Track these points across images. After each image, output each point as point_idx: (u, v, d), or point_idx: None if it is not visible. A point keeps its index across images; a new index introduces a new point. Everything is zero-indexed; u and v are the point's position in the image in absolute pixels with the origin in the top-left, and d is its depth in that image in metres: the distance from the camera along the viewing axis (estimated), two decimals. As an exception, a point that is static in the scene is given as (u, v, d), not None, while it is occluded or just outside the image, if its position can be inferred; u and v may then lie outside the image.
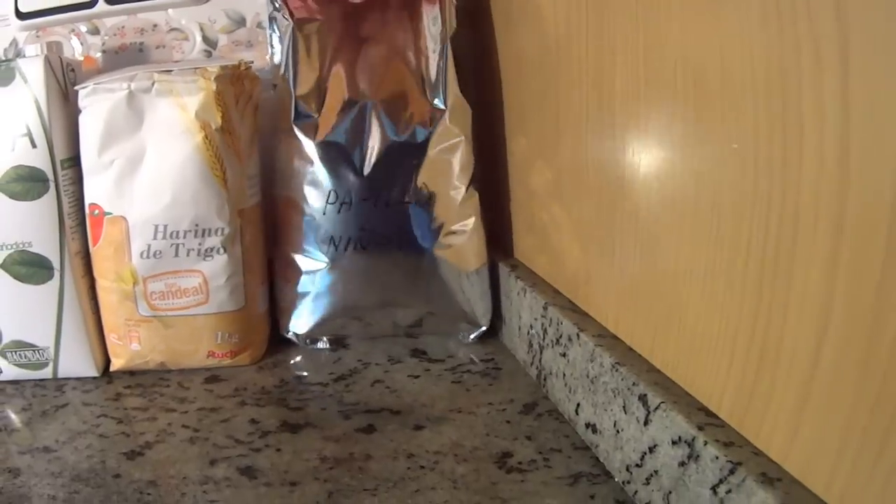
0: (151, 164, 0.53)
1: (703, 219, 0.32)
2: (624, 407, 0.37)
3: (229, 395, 0.54)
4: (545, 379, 0.51)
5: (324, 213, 0.55)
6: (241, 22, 0.62)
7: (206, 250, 0.55)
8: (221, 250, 0.55)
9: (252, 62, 0.55)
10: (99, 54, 0.62)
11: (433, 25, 0.58)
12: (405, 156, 0.56)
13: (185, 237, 0.54)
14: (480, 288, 0.58)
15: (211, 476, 0.43)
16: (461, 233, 0.58)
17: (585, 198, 0.46)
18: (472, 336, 0.59)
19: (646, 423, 0.35)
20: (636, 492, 0.36)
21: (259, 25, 0.62)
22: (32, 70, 0.53)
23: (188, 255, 0.54)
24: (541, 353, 0.52)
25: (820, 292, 0.25)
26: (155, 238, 0.54)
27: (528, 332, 0.54)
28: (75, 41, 0.62)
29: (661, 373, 0.36)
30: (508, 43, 0.59)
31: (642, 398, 0.35)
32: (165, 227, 0.54)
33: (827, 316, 0.25)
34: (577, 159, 0.47)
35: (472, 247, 0.58)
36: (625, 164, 0.39)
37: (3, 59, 0.53)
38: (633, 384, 0.36)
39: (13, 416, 0.52)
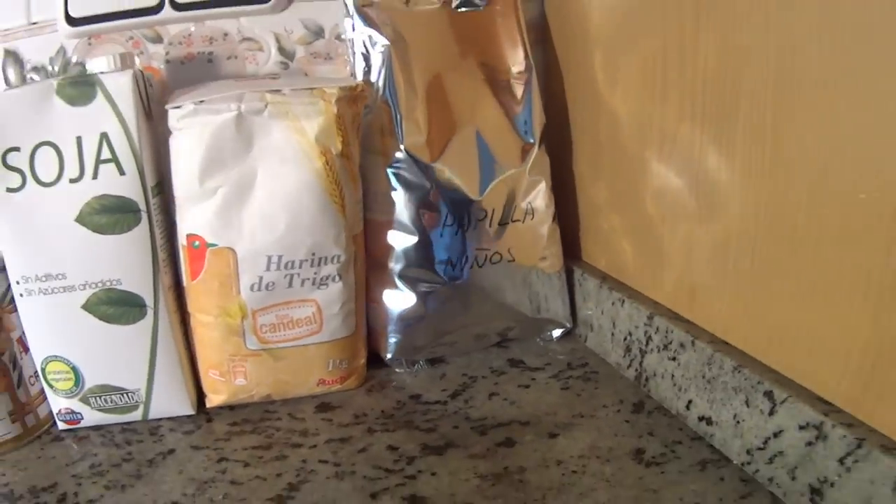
0: (263, 192, 0.48)
1: (828, 244, 0.35)
2: (747, 402, 0.40)
3: (352, 423, 0.51)
4: (647, 380, 0.53)
5: (441, 236, 0.53)
6: (319, 33, 0.57)
7: (321, 279, 0.51)
8: (337, 278, 0.51)
9: (368, 82, 0.52)
10: (162, 65, 0.55)
11: (513, 50, 0.57)
12: (508, 179, 0.55)
13: (300, 267, 0.50)
14: (561, 291, 0.59)
15: None
16: (551, 245, 0.58)
17: (695, 219, 0.47)
18: (556, 334, 0.60)
19: (771, 413, 0.38)
20: (757, 470, 0.40)
21: (338, 38, 0.58)
22: (119, 88, 0.46)
23: (303, 284, 0.51)
24: (642, 356, 0.53)
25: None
26: (268, 269, 0.49)
27: (626, 339, 0.56)
28: (133, 49, 0.55)
29: (779, 372, 0.39)
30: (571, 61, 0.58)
31: (768, 394, 0.39)
32: (280, 257, 0.49)
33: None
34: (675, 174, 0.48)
35: (556, 256, 0.59)
36: (733, 186, 0.41)
37: (81, 75, 0.46)
38: (758, 382, 0.39)
39: (116, 468, 0.45)
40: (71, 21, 0.52)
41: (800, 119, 0.36)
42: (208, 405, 0.51)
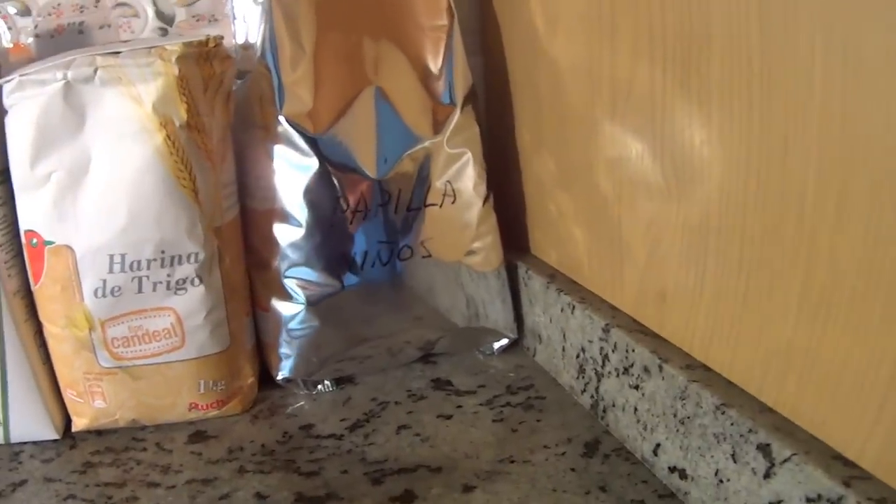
0: (99, 176, 0.39)
1: (853, 227, 0.24)
2: (733, 455, 0.30)
3: (223, 459, 0.41)
4: (604, 411, 0.40)
5: (331, 226, 0.41)
6: (202, -8, 0.47)
7: (177, 282, 0.41)
8: (196, 281, 0.41)
9: (222, 37, 0.41)
10: (31, 39, 0.47)
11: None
12: (419, 151, 0.43)
13: (149, 268, 0.40)
14: (500, 293, 0.47)
15: None
16: (483, 235, 0.45)
17: (661, 195, 0.35)
18: (496, 347, 0.48)
19: (767, 475, 0.28)
20: None
21: (225, -3, 0.47)
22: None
23: (155, 289, 0.40)
24: (598, 381, 0.41)
25: None
26: (111, 271, 0.40)
27: (579, 356, 0.42)
28: (2, 25, 0.47)
29: (779, 414, 0.29)
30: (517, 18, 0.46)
31: (763, 448, 0.28)
32: (123, 256, 0.40)
33: None
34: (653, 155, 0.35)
35: (491, 249, 0.46)
36: (711, 147, 0.30)
37: None
38: (750, 431, 0.29)
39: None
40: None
41: (801, 50, 0.24)
42: (73, 429, 0.44)
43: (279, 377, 0.45)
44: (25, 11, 0.47)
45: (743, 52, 0.28)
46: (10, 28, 0.48)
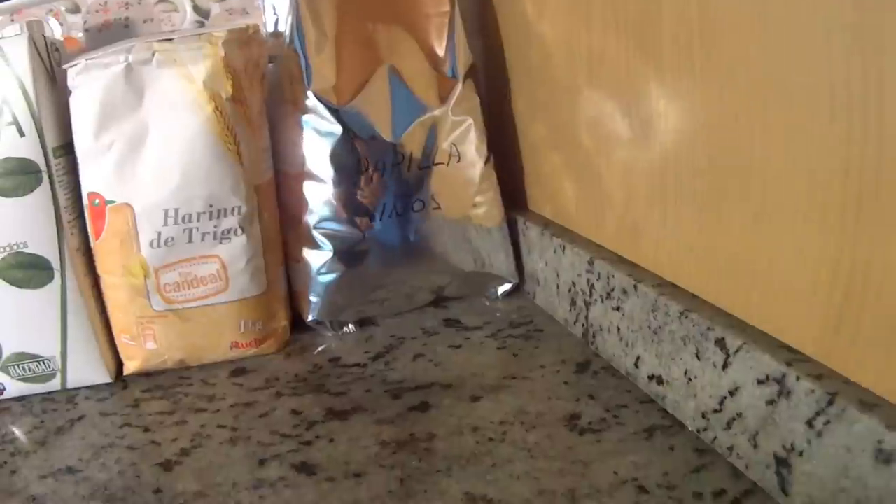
0: (156, 144, 0.46)
1: (775, 160, 0.29)
2: (697, 354, 0.34)
3: (262, 387, 0.47)
4: (594, 336, 0.46)
5: (354, 184, 0.48)
6: (234, -10, 0.54)
7: (222, 233, 0.47)
8: (240, 231, 0.47)
9: (258, 25, 0.48)
10: (81, 34, 0.54)
11: None
12: (427, 119, 0.50)
13: (198, 220, 0.47)
14: (503, 244, 0.53)
15: (264, 478, 0.36)
16: (485, 191, 0.52)
17: (631, 145, 0.41)
18: (500, 291, 0.54)
19: (724, 366, 0.32)
20: (715, 438, 0.34)
21: (254, -8, 0.55)
22: (15, 51, 0.45)
23: (203, 239, 0.47)
24: (587, 309, 0.46)
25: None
26: (165, 224, 0.46)
27: (570, 290, 0.48)
28: (54, 22, 0.54)
29: (734, 316, 0.33)
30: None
31: (719, 342, 0.32)
32: (176, 210, 0.46)
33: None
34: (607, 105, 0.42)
35: (493, 204, 0.53)
36: (666, 102, 0.36)
37: (-22, 40, 0.45)
38: (708, 329, 0.33)
39: (25, 436, 0.44)
40: (-8, -2, 0.52)
41: (731, 15, 0.30)
42: (125, 372, 0.49)
43: (309, 319, 0.51)
44: (75, 9, 0.54)
45: (686, 25, 0.33)
46: (61, 24, 0.55)
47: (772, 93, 0.28)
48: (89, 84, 0.45)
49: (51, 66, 0.47)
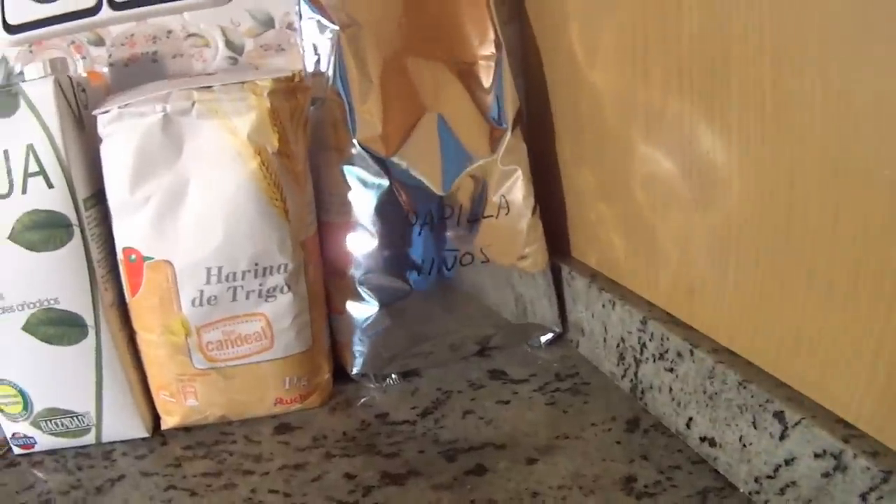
0: (197, 199, 0.43)
1: (845, 230, 0.30)
2: (754, 423, 0.35)
3: (310, 447, 0.46)
4: (643, 392, 0.46)
5: (401, 236, 0.47)
6: (268, 23, 0.51)
7: (268, 291, 0.46)
8: (286, 289, 0.46)
9: (303, 72, 0.46)
10: (105, 69, 0.51)
11: (481, 29, 0.50)
12: (476, 169, 0.49)
13: (243, 278, 0.45)
14: (546, 291, 0.52)
15: None
16: (532, 242, 0.51)
17: (690, 206, 0.40)
18: (543, 340, 0.53)
19: (782, 437, 0.33)
20: (767, 501, 0.34)
21: (290, 27, 0.52)
22: (41, 96, 0.42)
23: (248, 297, 0.45)
24: (637, 366, 0.46)
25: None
26: (208, 282, 0.44)
27: (619, 346, 0.48)
28: (75, 55, 0.50)
29: (791, 388, 0.34)
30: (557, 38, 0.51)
31: (778, 415, 0.33)
32: (220, 269, 0.44)
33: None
34: (674, 164, 0.41)
35: (539, 252, 0.52)
36: (731, 167, 0.35)
37: (2, 85, 0.42)
38: (767, 401, 0.34)
39: (62, 496, 0.42)
40: (9, 29, 0.48)
41: (805, 82, 0.29)
42: (163, 427, 0.48)
43: (353, 372, 0.50)
44: (98, 41, 0.51)
45: (756, 89, 0.32)
46: (83, 57, 0.51)
47: (844, 171, 0.29)
48: (123, 134, 0.42)
49: (78, 109, 0.44)
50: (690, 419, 0.41)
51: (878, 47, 0.27)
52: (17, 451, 0.48)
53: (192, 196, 0.43)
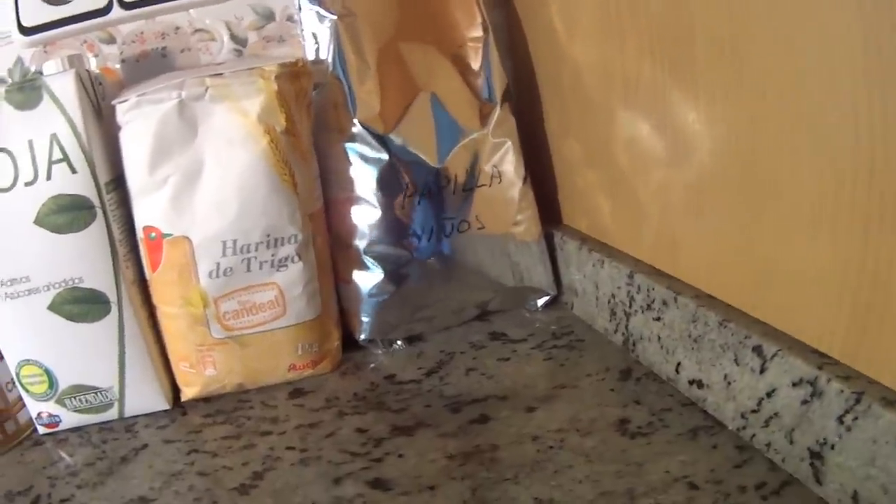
0: (212, 177, 0.48)
1: (802, 170, 0.32)
2: (736, 360, 0.37)
3: (323, 407, 0.50)
4: (634, 344, 0.49)
5: (402, 207, 0.51)
6: (269, 17, 0.56)
7: (279, 261, 0.50)
8: (296, 258, 0.50)
9: (307, 59, 0.51)
10: (118, 65, 0.56)
11: (468, 13, 0.55)
12: (470, 143, 0.53)
13: (256, 250, 0.49)
14: (541, 258, 0.57)
15: (341, 496, 0.39)
16: (525, 209, 0.56)
17: (667, 164, 0.44)
18: (540, 303, 0.57)
19: (762, 370, 0.35)
20: (753, 435, 0.37)
21: (290, 19, 0.57)
22: (63, 88, 0.46)
23: (261, 268, 0.50)
24: (627, 319, 0.50)
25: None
26: (224, 255, 0.49)
27: (610, 301, 0.53)
28: (88, 53, 0.55)
29: (767, 324, 0.36)
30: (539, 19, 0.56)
31: (756, 349, 0.35)
32: (235, 241, 0.49)
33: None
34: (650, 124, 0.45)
35: (532, 220, 0.56)
36: (700, 125, 0.39)
37: (26, 79, 0.46)
38: (746, 337, 0.36)
39: (88, 468, 0.45)
40: (24, 31, 0.53)
41: (760, 44, 0.32)
42: (183, 399, 0.51)
43: (361, 338, 0.55)
44: (110, 39, 0.56)
45: (718, 51, 0.35)
46: (96, 55, 0.56)
47: (799, 112, 0.31)
48: (142, 120, 0.47)
49: (97, 100, 0.49)
50: (679, 364, 0.44)
51: (821, 12, 0.30)
52: (41, 430, 0.51)
53: (207, 175, 0.47)
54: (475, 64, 0.54)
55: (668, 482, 0.36)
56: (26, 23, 0.52)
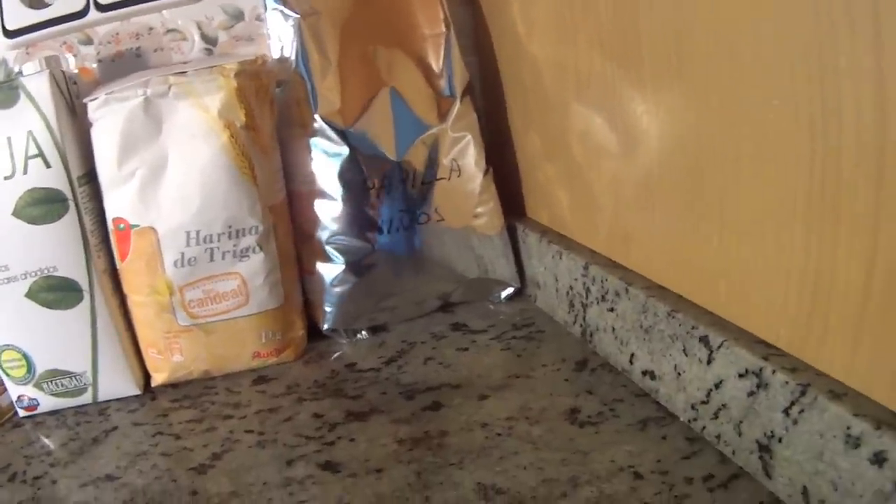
0: (176, 170, 0.50)
1: (748, 168, 0.33)
2: (685, 350, 0.38)
3: (284, 394, 0.52)
4: (591, 335, 0.50)
5: (364, 200, 0.53)
6: (238, 16, 0.59)
7: (241, 251, 0.52)
8: (258, 249, 0.52)
9: (267, 56, 0.53)
10: (94, 65, 0.59)
11: (430, 10, 0.56)
12: (429, 137, 0.55)
13: (219, 240, 0.51)
14: (504, 251, 0.58)
15: (292, 477, 0.41)
16: (486, 202, 0.57)
17: (618, 158, 0.45)
18: (503, 295, 0.58)
19: (709, 361, 0.36)
20: (703, 427, 0.37)
21: (258, 18, 0.59)
22: (38, 87, 0.49)
23: (224, 257, 0.52)
24: (584, 311, 0.51)
25: (867, 225, 0.26)
26: (188, 245, 0.51)
27: (568, 293, 0.53)
28: (67, 54, 0.58)
29: (714, 314, 0.37)
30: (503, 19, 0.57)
31: (703, 339, 0.36)
32: (198, 232, 0.51)
33: (874, 243, 0.26)
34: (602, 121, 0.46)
35: (493, 213, 0.57)
36: (648, 120, 0.40)
37: (5, 80, 0.49)
38: (693, 327, 0.37)
39: (62, 448, 0.48)
40: (7, 34, 0.56)
41: (702, 42, 0.33)
42: (152, 384, 0.54)
43: (325, 328, 0.57)
44: (87, 40, 0.59)
45: (663, 48, 0.36)
46: (74, 55, 0.59)
47: (741, 115, 0.32)
48: (110, 117, 0.49)
49: (70, 99, 0.51)
50: (633, 355, 0.45)
51: (759, 9, 0.31)
52: (21, 413, 0.54)
53: (171, 168, 0.50)
54: (437, 60, 0.55)
55: (613, 471, 0.37)
56: (10, 26, 0.56)
